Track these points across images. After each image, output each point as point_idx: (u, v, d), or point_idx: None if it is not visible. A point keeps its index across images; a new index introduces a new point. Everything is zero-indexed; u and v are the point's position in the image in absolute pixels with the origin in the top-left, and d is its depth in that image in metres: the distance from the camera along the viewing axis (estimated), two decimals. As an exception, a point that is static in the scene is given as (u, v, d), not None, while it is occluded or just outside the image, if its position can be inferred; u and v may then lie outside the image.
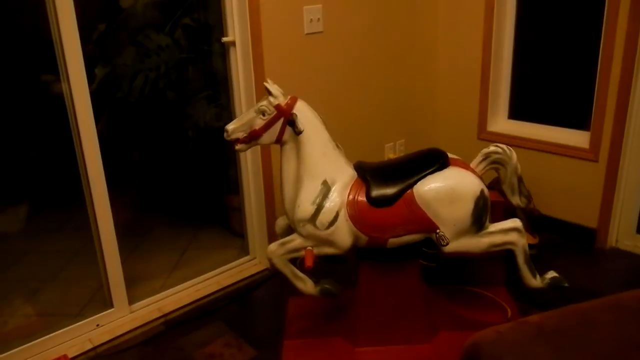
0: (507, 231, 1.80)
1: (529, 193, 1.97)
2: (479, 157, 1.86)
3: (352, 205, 1.76)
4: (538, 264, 2.58)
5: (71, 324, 2.18)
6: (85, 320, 2.21)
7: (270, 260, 1.87)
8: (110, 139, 2.29)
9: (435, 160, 1.79)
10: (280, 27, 2.41)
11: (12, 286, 2.61)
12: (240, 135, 1.79)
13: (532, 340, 1.08)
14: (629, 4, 2.37)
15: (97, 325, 2.23)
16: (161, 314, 2.34)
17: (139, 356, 2.12)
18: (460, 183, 1.73)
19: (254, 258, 2.72)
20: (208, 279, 2.56)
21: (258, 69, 2.38)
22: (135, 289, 2.42)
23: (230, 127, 1.79)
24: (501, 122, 3.11)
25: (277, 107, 1.75)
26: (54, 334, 2.13)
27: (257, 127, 1.77)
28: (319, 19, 2.52)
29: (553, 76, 3.00)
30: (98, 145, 2.10)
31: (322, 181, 1.76)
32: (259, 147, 2.49)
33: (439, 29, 3.12)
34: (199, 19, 2.79)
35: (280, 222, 2.01)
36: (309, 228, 1.76)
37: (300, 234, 1.81)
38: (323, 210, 1.75)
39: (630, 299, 1.20)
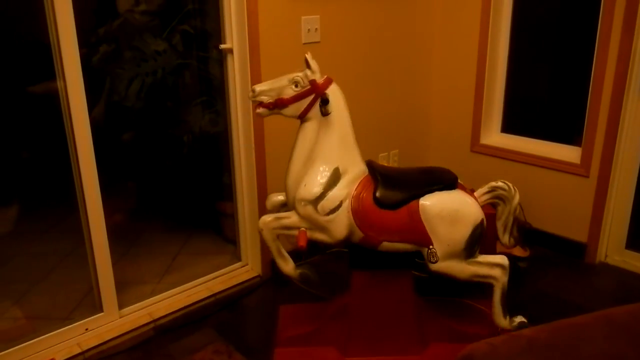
0: (493, 265, 1.82)
1: (519, 236, 2.00)
2: (485, 188, 1.86)
3: (358, 199, 1.76)
4: (528, 277, 2.61)
5: (60, 328, 2.16)
6: (74, 324, 2.19)
7: (260, 231, 1.83)
8: (104, 141, 2.28)
9: (445, 179, 1.81)
10: (278, 36, 2.42)
11: (0, 288, 2.58)
12: (266, 99, 1.75)
13: (524, 353, 1.09)
14: (622, 20, 2.41)
15: (86, 329, 2.21)
16: (151, 319, 2.32)
17: (128, 362, 2.11)
18: (464, 207, 1.76)
19: (246, 264, 2.71)
20: (199, 284, 2.55)
21: (255, 77, 2.38)
22: (126, 293, 2.40)
23: (258, 87, 1.74)
24: (494, 136, 3.14)
25: (312, 82, 1.73)
26: (42, 337, 2.11)
27: (285, 97, 1.74)
28: (316, 29, 2.54)
29: (546, 91, 3.04)
30: (92, 148, 2.09)
31: (335, 168, 1.76)
32: (253, 154, 2.50)
33: (434, 42, 3.16)
34: (197, 26, 2.80)
35: (273, 198, 1.96)
36: (309, 209, 1.75)
37: (298, 213, 1.78)
38: (328, 196, 1.74)
39: (621, 315, 1.22)
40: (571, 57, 2.85)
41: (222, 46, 2.41)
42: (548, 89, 3.02)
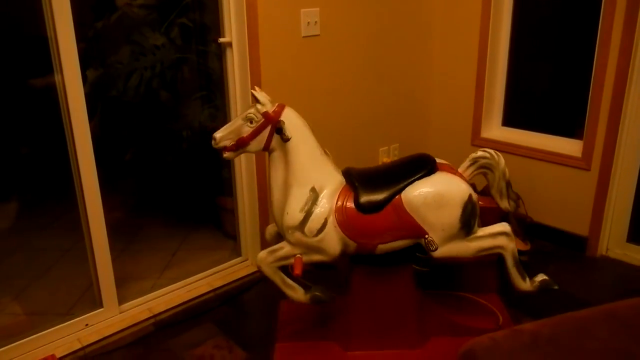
0: (495, 235, 1.80)
1: (517, 196, 1.98)
2: (467, 162, 1.86)
3: (341, 211, 1.75)
4: (529, 271, 2.59)
5: (60, 324, 2.15)
6: (74, 320, 2.18)
7: (259, 268, 1.86)
8: (103, 137, 2.27)
9: (423, 166, 1.79)
10: (277, 29, 2.40)
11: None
12: (228, 143, 1.78)
13: (527, 348, 1.09)
14: (624, 14, 2.39)
15: (86, 325, 2.20)
16: (151, 315, 2.32)
17: (128, 357, 2.10)
18: (448, 188, 1.74)
19: (246, 260, 2.70)
20: (199, 280, 2.54)
21: (254, 71, 2.37)
22: (126, 288, 2.39)
23: (217, 135, 1.77)
24: (495, 129, 3.12)
25: (265, 114, 1.74)
26: (41, 333, 2.10)
27: (244, 135, 1.76)
28: (316, 22, 2.52)
29: (547, 84, 3.02)
30: (91, 143, 2.08)
31: (311, 188, 1.76)
32: (253, 148, 2.49)
33: (435, 36, 3.13)
34: (196, 19, 2.78)
35: (270, 229, 2.01)
36: (298, 235, 1.76)
37: (289, 242, 1.80)
38: (312, 217, 1.74)
39: (624, 309, 1.21)
40: (573, 49, 2.83)
41: (221, 40, 2.39)
42: (549, 82, 3.00)
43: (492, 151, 1.84)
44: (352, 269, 1.95)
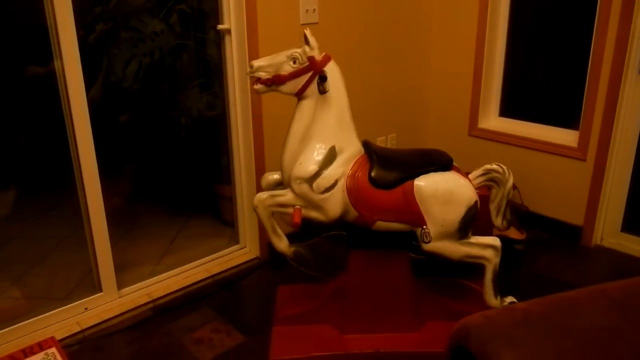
0: (485, 247, 1.84)
1: (511, 219, 2.01)
2: (479, 171, 1.88)
3: (353, 178, 1.77)
4: (524, 259, 2.63)
5: (59, 307, 2.18)
6: (73, 304, 2.21)
7: (255, 208, 1.83)
8: (102, 123, 2.28)
9: (440, 160, 1.82)
10: (276, 16, 2.41)
11: (-1, 269, 2.60)
12: (264, 75, 1.74)
13: (519, 325, 1.11)
14: (620, 5, 2.41)
15: (86, 308, 2.23)
16: (150, 299, 2.34)
17: (127, 340, 2.12)
18: (459, 188, 1.77)
19: (244, 247, 2.73)
20: (197, 266, 2.57)
21: (253, 58, 2.35)
22: (124, 274, 2.42)
23: (256, 63, 1.73)
24: (492, 120, 3.14)
25: (311, 59, 1.72)
26: (41, 316, 2.13)
27: (283, 73, 1.72)
28: (314, 9, 2.53)
29: (544, 75, 3.04)
30: (90, 128, 2.09)
31: (331, 147, 1.76)
32: (251, 136, 2.50)
33: (433, 26, 3.15)
34: (194, 5, 2.78)
35: (268, 177, 1.97)
36: (304, 188, 1.76)
37: (294, 191, 1.79)
38: (323, 175, 1.75)
39: (614, 289, 1.24)
40: (570, 40, 2.85)
41: (220, 27, 2.40)
42: (546, 73, 3.02)
43: (505, 168, 1.86)
44: (349, 253, 1.97)
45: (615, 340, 1.09)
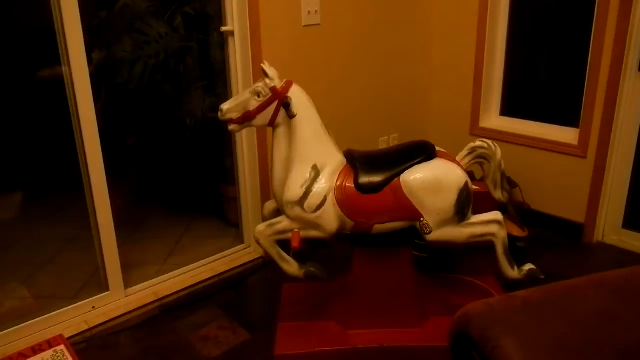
0: (488, 223, 1.86)
1: (510, 188, 2.02)
2: (465, 151, 1.91)
3: (340, 190, 1.80)
4: (526, 257, 2.64)
5: (67, 306, 2.20)
6: (81, 302, 2.24)
7: (257, 240, 1.89)
8: (107, 126, 2.31)
9: (422, 152, 1.84)
10: (278, 18, 2.45)
11: (6, 270, 2.63)
12: (234, 115, 1.81)
13: (519, 311, 1.14)
14: (618, 3, 2.44)
15: (93, 307, 2.26)
16: (156, 298, 2.36)
17: (134, 338, 2.15)
18: (445, 174, 1.79)
19: (249, 246, 2.75)
20: (203, 265, 2.59)
21: (256, 59, 2.41)
22: (131, 274, 2.44)
23: (225, 106, 1.80)
24: (493, 119, 3.17)
25: (273, 89, 1.77)
26: (50, 314, 2.16)
27: (251, 109, 1.79)
28: (316, 11, 2.57)
29: (544, 74, 3.07)
30: (97, 132, 2.13)
31: (312, 165, 1.80)
32: (255, 137, 2.54)
33: (434, 26, 3.18)
34: (198, 8, 2.82)
35: (269, 206, 2.04)
36: (297, 210, 1.80)
37: (288, 216, 1.84)
38: (311, 194, 1.78)
39: (612, 278, 1.26)
40: (569, 39, 2.88)
41: (223, 29, 2.43)
42: (546, 71, 3.05)
43: (489, 142, 1.89)
44: (353, 250, 2.00)
45: (614, 325, 1.12)
